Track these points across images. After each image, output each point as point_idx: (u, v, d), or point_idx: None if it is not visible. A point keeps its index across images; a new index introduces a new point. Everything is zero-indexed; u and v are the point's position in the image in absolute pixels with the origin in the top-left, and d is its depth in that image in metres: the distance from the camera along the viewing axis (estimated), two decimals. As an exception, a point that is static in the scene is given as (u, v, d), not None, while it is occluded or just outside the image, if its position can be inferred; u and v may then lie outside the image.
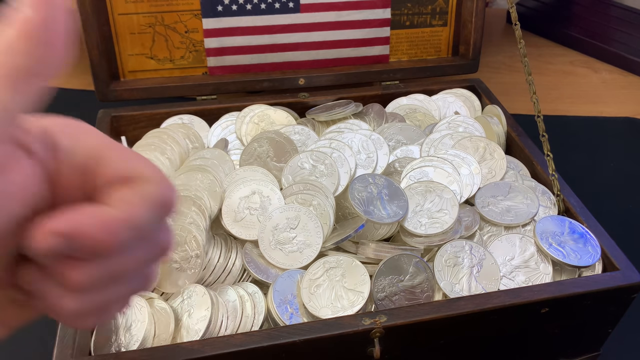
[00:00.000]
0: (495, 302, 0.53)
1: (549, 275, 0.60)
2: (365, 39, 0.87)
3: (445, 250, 0.60)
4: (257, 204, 0.64)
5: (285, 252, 0.60)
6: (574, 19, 1.24)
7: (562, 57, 1.19)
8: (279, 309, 0.56)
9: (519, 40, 0.67)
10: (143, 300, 0.54)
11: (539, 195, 0.67)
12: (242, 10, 0.82)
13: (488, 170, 0.70)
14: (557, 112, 1.03)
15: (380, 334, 0.51)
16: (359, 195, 0.63)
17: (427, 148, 0.73)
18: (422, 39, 0.90)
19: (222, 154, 0.71)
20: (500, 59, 1.17)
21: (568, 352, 0.63)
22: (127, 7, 0.80)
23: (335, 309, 0.55)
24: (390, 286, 0.57)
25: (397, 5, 0.87)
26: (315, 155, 0.68)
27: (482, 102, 0.85)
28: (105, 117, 0.77)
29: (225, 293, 0.57)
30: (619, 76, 1.14)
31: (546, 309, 0.55)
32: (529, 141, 0.74)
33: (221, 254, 0.61)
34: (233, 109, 0.81)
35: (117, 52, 0.82)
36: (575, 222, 0.63)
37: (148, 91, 0.82)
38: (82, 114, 1.09)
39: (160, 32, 0.82)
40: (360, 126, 0.76)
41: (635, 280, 0.56)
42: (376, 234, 0.63)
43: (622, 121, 1.02)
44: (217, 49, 0.83)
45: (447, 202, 0.64)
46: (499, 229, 0.65)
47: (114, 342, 0.52)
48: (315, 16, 0.84)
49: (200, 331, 0.53)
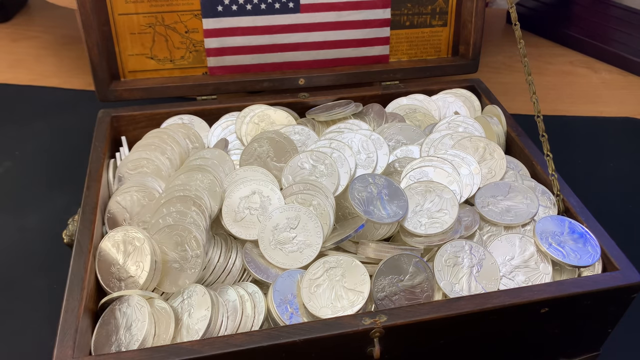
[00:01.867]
0: (495, 302, 0.53)
1: (549, 275, 0.60)
2: (365, 39, 0.87)
3: (445, 250, 0.60)
4: (257, 204, 0.64)
5: (285, 252, 0.60)
6: (573, 19, 1.24)
7: (562, 57, 1.19)
8: (279, 309, 0.56)
9: (518, 40, 0.67)
10: (143, 300, 0.54)
11: (539, 195, 0.67)
12: (242, 11, 0.82)
13: (488, 170, 0.70)
14: (556, 112, 1.03)
15: (380, 334, 0.51)
16: (359, 195, 0.64)
17: (427, 148, 0.73)
18: (422, 39, 0.90)
19: (222, 154, 0.71)
20: (500, 59, 1.18)
21: (568, 352, 0.63)
22: (127, 7, 0.80)
23: (335, 308, 0.55)
24: (390, 286, 0.57)
25: (397, 5, 0.87)
26: (315, 155, 0.68)
27: (482, 102, 0.85)
28: (105, 117, 0.77)
29: (225, 293, 0.57)
30: (619, 76, 1.14)
31: (546, 309, 0.55)
32: (529, 141, 0.75)
33: (221, 254, 0.61)
34: (233, 109, 0.81)
35: (117, 52, 0.82)
36: (575, 222, 0.63)
37: (148, 91, 0.82)
38: (82, 114, 1.10)
39: (161, 32, 0.82)
40: (360, 126, 0.76)
41: (635, 280, 0.56)
42: (376, 234, 0.63)
43: (622, 121, 1.02)
44: (217, 49, 0.83)
45: (447, 202, 0.64)
46: (498, 229, 0.65)
47: (114, 342, 0.53)
48: (315, 16, 0.84)
49: (200, 331, 0.53)
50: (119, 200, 0.65)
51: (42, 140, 0.94)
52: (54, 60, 1.13)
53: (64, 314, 0.51)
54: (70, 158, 0.91)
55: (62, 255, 0.73)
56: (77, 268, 0.56)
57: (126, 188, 0.66)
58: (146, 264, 0.56)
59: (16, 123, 0.98)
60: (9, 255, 0.76)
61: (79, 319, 0.51)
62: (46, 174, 0.88)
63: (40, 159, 0.91)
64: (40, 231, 0.79)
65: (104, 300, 0.56)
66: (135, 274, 0.57)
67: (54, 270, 0.73)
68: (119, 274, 0.57)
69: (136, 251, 0.57)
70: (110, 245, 0.59)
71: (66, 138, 0.95)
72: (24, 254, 0.76)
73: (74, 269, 0.55)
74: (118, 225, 0.64)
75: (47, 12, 1.28)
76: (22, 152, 0.92)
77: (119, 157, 0.74)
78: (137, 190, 0.65)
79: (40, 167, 0.89)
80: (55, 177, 0.88)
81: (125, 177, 0.69)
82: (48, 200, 0.84)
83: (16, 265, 0.74)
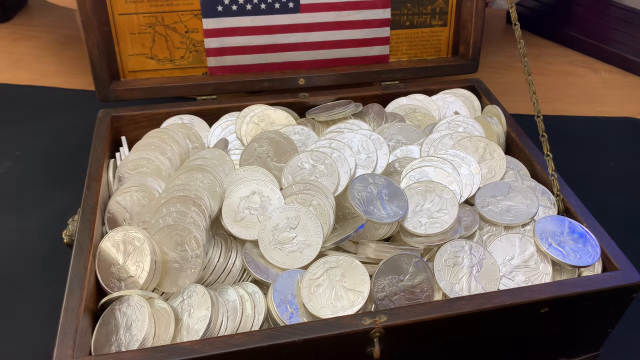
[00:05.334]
0: (495, 302, 0.53)
1: (549, 275, 0.60)
2: (365, 39, 0.87)
3: (445, 250, 0.60)
4: (257, 204, 0.64)
5: (285, 252, 0.60)
6: (573, 19, 1.24)
7: (561, 57, 1.19)
8: (279, 309, 0.56)
9: (518, 40, 0.67)
10: (143, 300, 0.54)
11: (539, 195, 0.67)
12: (242, 11, 0.82)
13: (488, 170, 0.70)
14: (556, 112, 1.03)
15: (380, 334, 0.51)
16: (359, 195, 0.64)
17: (427, 148, 0.73)
18: (422, 39, 0.90)
19: (222, 154, 0.71)
20: (500, 59, 1.18)
21: (568, 352, 0.63)
22: (127, 7, 0.80)
23: (335, 308, 0.55)
24: (390, 286, 0.57)
25: (397, 5, 0.87)
26: (315, 155, 0.68)
27: (482, 102, 0.85)
28: (105, 117, 0.77)
29: (225, 293, 0.57)
30: (619, 76, 1.14)
31: (546, 309, 0.55)
32: (529, 141, 0.75)
33: (221, 254, 0.61)
34: (233, 109, 0.81)
35: (117, 52, 0.82)
36: (574, 222, 0.63)
37: (148, 91, 0.82)
38: (82, 114, 1.09)
39: (161, 32, 0.82)
40: (360, 126, 0.76)
41: (635, 280, 0.56)
42: (376, 234, 0.63)
43: (622, 121, 1.02)
44: (217, 49, 0.83)
45: (447, 202, 0.64)
46: (498, 228, 0.65)
47: (114, 342, 0.53)
48: (315, 16, 0.84)
49: (200, 331, 0.53)
50: (119, 200, 0.65)
51: (42, 140, 0.94)
52: (54, 60, 1.13)
53: (64, 314, 0.52)
54: (70, 158, 0.91)
55: (62, 255, 0.73)
56: (77, 268, 0.56)
57: (126, 188, 0.66)
58: (146, 264, 0.57)
59: (16, 123, 0.98)
60: (9, 255, 0.76)
61: (79, 319, 0.51)
62: (46, 174, 0.88)
63: (40, 159, 0.91)
64: (40, 231, 0.79)
65: (104, 300, 0.56)
66: (135, 274, 0.57)
67: (54, 270, 0.73)
68: (119, 274, 0.57)
69: (136, 251, 0.57)
70: (110, 245, 0.59)
71: (66, 138, 0.95)
72: (24, 254, 0.76)
73: (74, 269, 0.55)
74: (118, 225, 0.64)
75: (47, 12, 1.29)
76: (22, 152, 0.92)
77: (119, 157, 0.74)
78: (137, 190, 0.65)
79: (40, 167, 0.89)
80: (55, 177, 0.88)
81: (125, 177, 0.69)
82: (48, 200, 0.84)
83: (16, 265, 0.74)
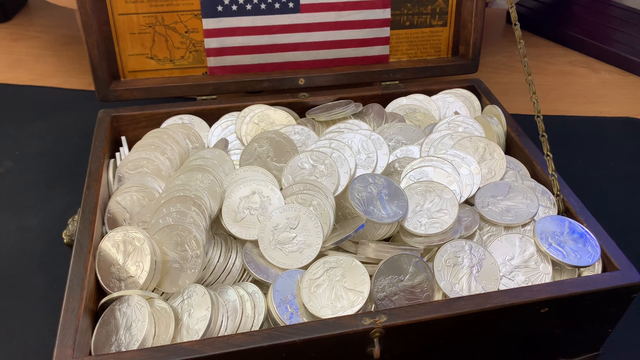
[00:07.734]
0: (495, 302, 0.53)
1: (549, 275, 0.60)
2: (365, 39, 0.87)
3: (445, 250, 0.60)
4: (257, 204, 0.64)
5: (285, 252, 0.60)
6: (573, 19, 1.24)
7: (561, 57, 1.19)
8: (279, 309, 0.56)
9: (518, 40, 0.67)
10: (143, 300, 0.54)
11: (539, 195, 0.67)
12: (242, 11, 0.82)
13: (488, 170, 0.70)
14: (556, 112, 1.03)
15: (380, 334, 0.51)
16: (359, 195, 0.64)
17: (427, 148, 0.73)
18: (422, 39, 0.90)
19: (222, 154, 0.71)
20: (500, 59, 1.18)
21: (568, 352, 0.63)
22: (127, 7, 0.80)
23: (335, 308, 0.55)
24: (390, 286, 0.57)
25: (397, 5, 0.87)
26: (315, 155, 0.68)
27: (482, 102, 0.85)
28: (105, 117, 0.77)
29: (225, 293, 0.57)
30: (619, 76, 1.14)
31: (546, 309, 0.55)
32: (529, 141, 0.75)
33: (221, 254, 0.61)
34: (233, 109, 0.81)
35: (117, 52, 0.82)
36: (575, 222, 0.63)
37: (148, 91, 0.82)
38: (82, 114, 1.09)
39: (160, 32, 0.82)
40: (360, 126, 0.76)
41: (635, 280, 0.56)
42: (376, 234, 0.63)
43: (622, 121, 1.02)
44: (217, 49, 0.83)
45: (446, 202, 0.64)
46: (498, 228, 0.65)
47: (114, 342, 0.53)
48: (315, 16, 0.84)
49: (200, 331, 0.53)
50: (119, 200, 0.65)
51: (42, 140, 0.94)
52: (54, 60, 1.13)
53: (64, 314, 0.52)
54: (70, 158, 0.91)
55: (62, 255, 0.73)
56: (77, 268, 0.56)
57: (126, 188, 0.66)
58: (146, 264, 0.57)
59: (16, 123, 0.98)
60: (9, 255, 0.76)
61: (79, 319, 0.51)
62: (46, 174, 0.88)
63: (40, 159, 0.91)
64: (40, 231, 0.79)
65: (104, 300, 0.56)
66: (135, 274, 0.57)
67: (54, 270, 0.73)
68: (119, 274, 0.57)
69: (136, 251, 0.57)
70: (110, 245, 0.59)
71: (66, 138, 0.95)
72: (24, 254, 0.76)
73: (74, 269, 0.55)
74: (118, 225, 0.64)
75: (47, 12, 1.29)
76: (22, 152, 0.92)
77: (119, 157, 0.74)
78: (137, 190, 0.65)
79: (40, 167, 0.89)
80: (56, 177, 0.88)
81: (125, 177, 0.69)
82: (48, 200, 0.84)
83: (16, 265, 0.74)
